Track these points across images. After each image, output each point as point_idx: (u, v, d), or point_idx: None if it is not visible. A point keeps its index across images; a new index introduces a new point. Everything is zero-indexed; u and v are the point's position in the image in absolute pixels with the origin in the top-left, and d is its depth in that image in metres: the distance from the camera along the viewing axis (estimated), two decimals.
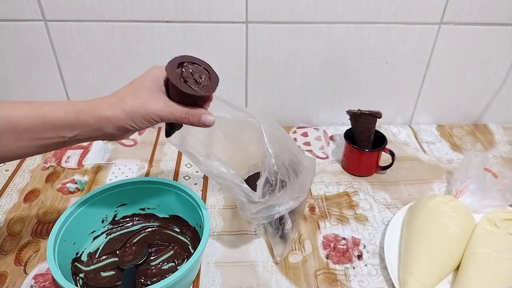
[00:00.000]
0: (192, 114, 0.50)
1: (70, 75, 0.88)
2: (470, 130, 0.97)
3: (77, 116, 0.48)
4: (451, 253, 0.61)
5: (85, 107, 0.49)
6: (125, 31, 0.82)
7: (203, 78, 0.51)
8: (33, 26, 0.81)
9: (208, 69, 0.52)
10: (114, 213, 0.67)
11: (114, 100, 0.49)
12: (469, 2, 0.82)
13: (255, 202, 0.57)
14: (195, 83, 0.50)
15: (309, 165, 0.64)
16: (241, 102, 0.93)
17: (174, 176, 0.81)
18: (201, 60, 0.53)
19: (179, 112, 0.50)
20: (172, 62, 0.50)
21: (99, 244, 0.65)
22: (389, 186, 0.80)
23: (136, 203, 0.68)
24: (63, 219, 0.59)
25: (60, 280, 0.50)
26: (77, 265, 0.61)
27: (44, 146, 0.50)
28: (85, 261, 0.62)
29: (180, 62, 0.51)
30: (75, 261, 0.61)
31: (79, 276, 0.60)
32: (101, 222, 0.66)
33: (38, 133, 0.48)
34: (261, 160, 0.59)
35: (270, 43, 0.85)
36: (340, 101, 0.94)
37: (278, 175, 0.58)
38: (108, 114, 0.48)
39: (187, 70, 0.50)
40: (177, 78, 0.49)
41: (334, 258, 0.65)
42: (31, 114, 0.47)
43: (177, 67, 0.50)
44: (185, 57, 0.51)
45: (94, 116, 0.48)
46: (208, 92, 0.50)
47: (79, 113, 0.48)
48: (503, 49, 0.88)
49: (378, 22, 0.83)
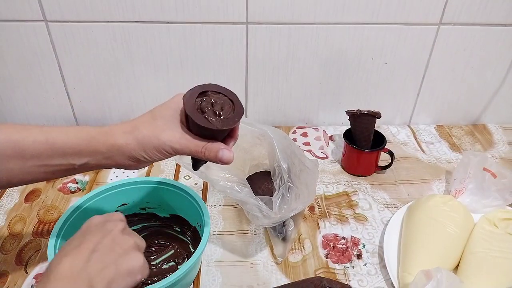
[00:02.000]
0: (208, 149, 0.46)
1: (71, 76, 0.88)
2: (469, 130, 0.98)
3: (88, 143, 0.46)
4: (450, 253, 0.62)
5: (97, 133, 0.46)
6: (126, 32, 0.83)
7: (225, 109, 0.47)
8: (34, 26, 0.81)
9: (234, 100, 0.48)
10: None
11: (129, 128, 0.47)
12: (468, 2, 0.82)
13: (272, 218, 0.57)
14: (214, 114, 0.46)
15: (313, 168, 0.65)
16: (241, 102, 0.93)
17: (174, 176, 0.81)
18: (227, 90, 0.49)
19: (195, 145, 0.46)
20: (192, 90, 0.47)
21: None
22: (388, 186, 0.80)
23: (137, 203, 0.68)
24: (64, 218, 0.59)
25: None
26: None
27: (51, 172, 0.47)
28: None
29: (203, 91, 0.47)
30: None
31: None
32: None
33: (46, 159, 0.46)
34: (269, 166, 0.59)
35: (270, 43, 0.85)
36: (339, 101, 0.95)
37: (294, 189, 0.58)
38: (119, 142, 0.45)
39: (208, 100, 0.46)
40: (193, 108, 0.45)
41: (333, 258, 0.65)
42: (40, 139, 0.45)
43: (198, 96, 0.47)
44: (209, 86, 0.48)
45: (106, 143, 0.46)
46: (226, 125, 0.46)
47: (90, 139, 0.46)
48: (502, 49, 0.89)
49: (377, 22, 0.84)
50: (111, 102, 0.93)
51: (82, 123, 0.95)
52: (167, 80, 0.89)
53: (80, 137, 0.46)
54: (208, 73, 0.88)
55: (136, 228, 0.68)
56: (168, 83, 0.90)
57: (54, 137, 0.46)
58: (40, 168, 0.46)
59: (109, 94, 0.91)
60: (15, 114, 0.93)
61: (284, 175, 0.58)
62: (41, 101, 0.91)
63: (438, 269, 0.52)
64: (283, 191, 0.58)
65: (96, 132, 0.46)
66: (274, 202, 0.58)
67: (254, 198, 0.58)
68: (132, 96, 0.92)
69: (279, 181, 0.58)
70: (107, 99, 0.92)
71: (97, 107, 0.93)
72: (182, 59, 0.87)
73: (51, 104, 0.92)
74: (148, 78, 0.89)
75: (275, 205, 0.57)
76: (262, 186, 0.68)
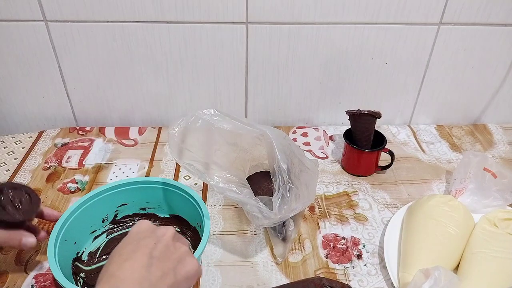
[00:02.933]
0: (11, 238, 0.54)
1: (71, 75, 0.88)
2: (469, 130, 0.98)
3: None
4: (451, 253, 0.62)
5: None
6: (126, 32, 0.83)
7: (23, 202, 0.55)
8: (33, 26, 0.81)
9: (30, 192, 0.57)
10: (115, 212, 0.67)
11: None
12: (469, 2, 0.82)
13: (271, 218, 0.57)
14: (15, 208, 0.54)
15: (313, 168, 0.65)
16: (241, 102, 0.94)
17: (174, 176, 0.81)
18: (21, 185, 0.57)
19: None
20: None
21: (99, 244, 0.65)
22: (389, 186, 0.80)
23: (137, 203, 0.68)
24: (64, 218, 0.59)
25: (61, 280, 0.50)
26: (78, 265, 0.61)
27: None
28: (85, 261, 0.63)
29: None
30: (75, 261, 0.61)
31: (79, 275, 0.60)
32: (101, 222, 0.66)
33: None
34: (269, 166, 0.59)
35: (270, 43, 0.85)
36: (339, 101, 0.95)
37: (293, 189, 0.58)
38: None
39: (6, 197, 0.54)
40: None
41: (333, 258, 0.65)
42: None
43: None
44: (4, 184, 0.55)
45: None
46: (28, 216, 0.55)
47: None
48: (502, 49, 0.89)
49: (377, 22, 0.83)
50: (110, 102, 0.93)
51: (81, 123, 0.95)
52: (167, 80, 0.89)
53: None
54: (207, 73, 0.88)
55: None
56: (168, 83, 0.90)
57: None
58: None
59: (109, 94, 0.91)
60: (15, 114, 0.93)
61: (283, 176, 0.58)
62: (40, 101, 0.91)
63: (436, 267, 0.52)
64: (283, 191, 0.58)
65: None
66: (274, 203, 0.57)
67: (254, 199, 0.58)
68: (131, 96, 0.92)
69: (279, 182, 0.58)
70: (107, 99, 0.92)
71: (96, 107, 0.93)
72: (182, 59, 0.87)
73: (51, 104, 0.92)
74: (148, 78, 0.89)
75: (275, 206, 0.57)
76: (262, 186, 0.68)
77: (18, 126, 0.94)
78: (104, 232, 0.67)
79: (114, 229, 0.68)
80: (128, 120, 0.96)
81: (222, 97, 0.92)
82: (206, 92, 0.91)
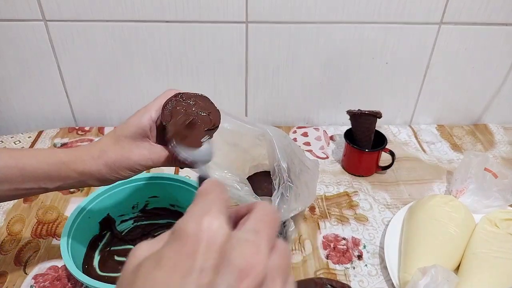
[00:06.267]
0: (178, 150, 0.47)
1: (70, 75, 0.88)
2: (470, 130, 0.97)
3: (58, 169, 0.46)
4: (451, 253, 0.61)
5: (67, 158, 0.46)
6: (125, 31, 0.82)
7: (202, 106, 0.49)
8: (33, 26, 0.81)
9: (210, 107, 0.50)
10: (146, 202, 0.68)
11: (96, 152, 0.46)
12: (469, 2, 0.82)
13: None
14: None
15: (313, 168, 0.65)
16: (241, 102, 0.93)
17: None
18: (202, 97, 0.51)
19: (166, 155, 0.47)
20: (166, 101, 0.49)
21: (124, 229, 0.66)
22: (389, 186, 0.80)
23: (167, 198, 0.68)
24: (95, 195, 0.60)
25: (65, 255, 0.52)
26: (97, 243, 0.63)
27: (24, 194, 0.48)
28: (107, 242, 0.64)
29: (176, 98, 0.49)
30: (96, 239, 0.63)
31: None
32: (131, 208, 0.67)
33: (17, 184, 0.45)
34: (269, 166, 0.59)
35: (270, 43, 0.85)
36: (340, 101, 0.94)
37: (293, 189, 0.58)
38: (91, 169, 0.46)
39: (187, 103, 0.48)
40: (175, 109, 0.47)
41: (334, 258, 0.65)
42: (10, 164, 0.45)
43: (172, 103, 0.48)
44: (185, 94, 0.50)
45: (76, 170, 0.46)
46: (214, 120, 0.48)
47: (61, 165, 0.46)
48: (503, 49, 0.88)
49: (378, 22, 0.83)
50: (110, 102, 0.92)
51: (81, 123, 0.95)
52: (167, 79, 0.89)
53: (51, 163, 0.46)
54: (207, 72, 0.88)
55: (162, 222, 0.68)
56: (167, 83, 0.89)
57: (25, 162, 0.45)
58: (11, 192, 0.46)
59: (108, 94, 0.91)
60: (14, 114, 0.93)
61: (283, 175, 0.58)
62: (40, 101, 0.91)
63: (433, 266, 0.53)
64: (283, 190, 0.58)
65: (65, 157, 0.46)
66: (273, 202, 0.57)
67: (254, 197, 0.58)
68: (131, 95, 0.91)
69: (279, 181, 0.58)
70: (106, 99, 0.92)
71: (96, 107, 0.93)
72: (182, 59, 0.86)
73: (50, 104, 0.92)
74: (147, 78, 0.89)
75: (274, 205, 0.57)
76: (262, 186, 0.68)
77: (17, 126, 0.94)
78: (132, 218, 0.68)
79: (142, 217, 0.68)
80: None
81: (222, 96, 0.92)
82: (206, 91, 0.89)
